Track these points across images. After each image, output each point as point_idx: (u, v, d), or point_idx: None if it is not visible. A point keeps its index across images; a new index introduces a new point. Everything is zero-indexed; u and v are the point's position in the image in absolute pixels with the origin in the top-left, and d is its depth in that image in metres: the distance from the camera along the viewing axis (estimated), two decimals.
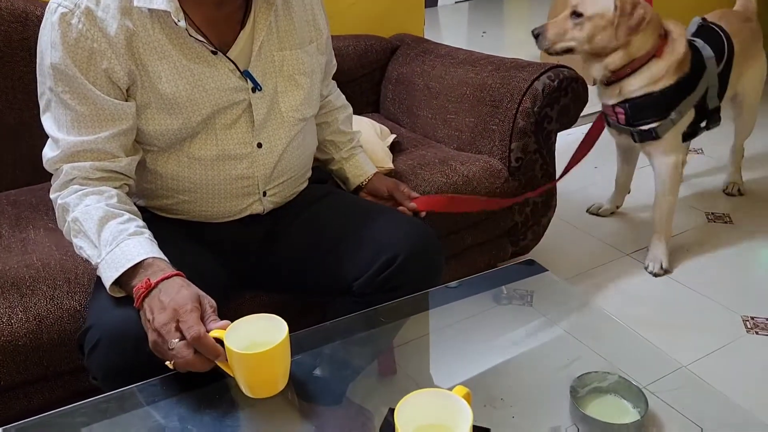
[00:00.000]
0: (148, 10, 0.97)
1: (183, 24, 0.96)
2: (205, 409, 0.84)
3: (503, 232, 1.74)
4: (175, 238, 1.06)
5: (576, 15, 1.72)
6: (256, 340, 0.82)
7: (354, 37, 1.98)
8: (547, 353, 1.00)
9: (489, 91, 1.67)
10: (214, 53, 1.02)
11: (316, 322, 1.03)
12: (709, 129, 1.91)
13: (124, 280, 0.90)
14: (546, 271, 1.16)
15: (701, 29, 1.93)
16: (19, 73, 1.47)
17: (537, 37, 1.79)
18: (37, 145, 1.01)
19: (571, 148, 1.81)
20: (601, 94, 1.86)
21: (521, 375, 0.96)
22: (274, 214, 1.18)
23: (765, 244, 2.05)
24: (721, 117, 1.93)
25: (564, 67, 1.66)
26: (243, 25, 1.05)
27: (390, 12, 2.16)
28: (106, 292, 0.92)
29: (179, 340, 0.81)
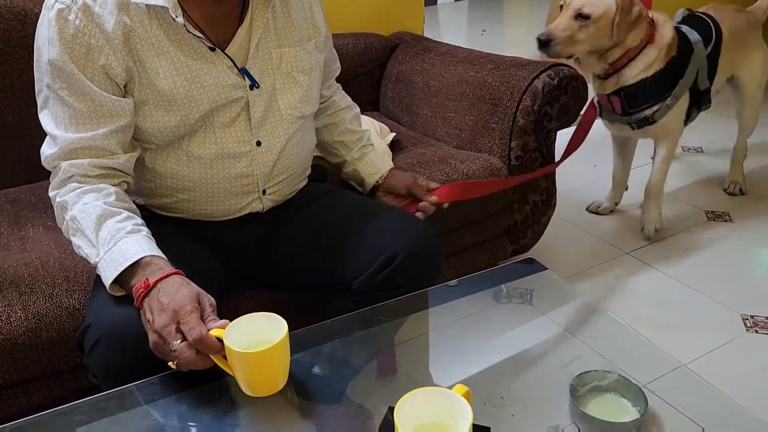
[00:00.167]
0: (146, 6, 0.96)
1: (181, 20, 0.96)
2: (205, 407, 0.84)
3: (503, 231, 1.74)
4: (175, 236, 1.06)
5: (581, 17, 1.72)
6: (256, 339, 0.82)
7: (353, 35, 1.98)
8: (547, 352, 1.00)
9: (489, 90, 1.67)
10: (212, 50, 1.02)
11: (315, 321, 1.03)
12: (700, 111, 1.99)
13: (124, 279, 0.90)
14: (546, 269, 1.16)
15: (687, 18, 1.99)
16: (18, 71, 1.47)
17: (546, 44, 1.74)
18: (37, 143, 1.01)
19: None
20: (597, 86, 1.89)
21: (521, 374, 0.96)
22: (273, 213, 1.18)
23: (765, 243, 2.05)
24: (722, 117, 1.95)
25: (564, 65, 1.66)
26: (241, 22, 1.05)
27: (390, 10, 2.16)
28: (105, 290, 0.91)
29: (180, 341, 0.81)
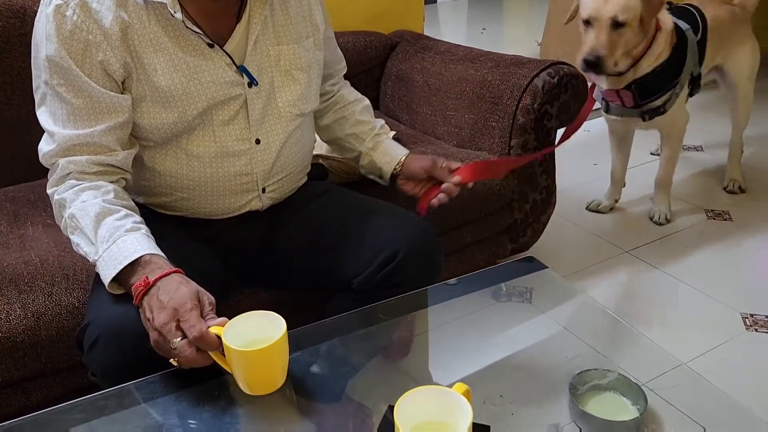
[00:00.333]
0: (144, 1, 0.96)
1: (179, 15, 0.96)
2: (204, 406, 0.84)
3: (503, 229, 1.73)
4: (174, 234, 1.06)
5: (618, 25, 1.72)
6: (255, 337, 0.82)
7: (353, 34, 1.98)
8: (547, 350, 1.00)
9: (489, 88, 1.66)
10: (211, 46, 1.01)
11: (314, 320, 1.03)
12: (692, 96, 2.02)
13: (123, 278, 0.89)
14: (545, 268, 1.15)
15: (670, 10, 2.00)
16: (18, 69, 1.47)
17: (595, 64, 1.73)
18: (36, 141, 1.00)
19: (571, 146, 1.81)
20: (610, 82, 1.87)
21: (521, 372, 0.96)
22: (273, 211, 1.17)
23: (765, 242, 2.05)
24: (723, 116, 1.97)
25: (564, 63, 1.66)
26: (239, 18, 1.04)
27: (389, 8, 2.15)
28: (105, 288, 0.91)
29: (180, 339, 0.81)
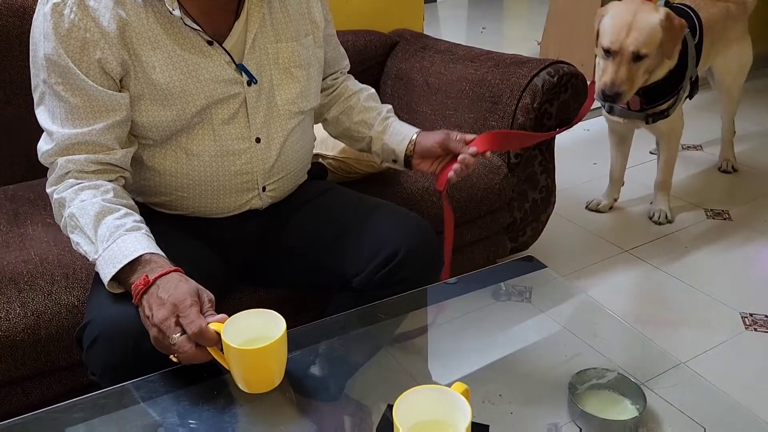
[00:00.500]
0: None
1: (178, 13, 0.96)
2: (203, 405, 0.84)
3: (502, 229, 1.74)
4: (174, 233, 1.06)
5: (638, 57, 1.72)
6: (254, 336, 0.82)
7: (353, 33, 1.97)
8: (546, 349, 1.00)
9: (488, 87, 1.66)
10: (210, 43, 1.01)
11: (314, 318, 1.03)
12: (691, 98, 2.04)
13: (122, 277, 0.89)
14: (545, 267, 1.16)
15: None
16: (17, 68, 1.47)
17: (613, 99, 1.74)
18: (35, 140, 1.00)
19: (571, 145, 1.81)
20: None
21: (520, 371, 0.96)
22: (273, 210, 1.17)
23: (765, 242, 2.05)
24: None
25: (564, 63, 1.66)
26: (237, 15, 1.04)
27: (389, 7, 2.15)
28: (104, 287, 0.91)
29: (180, 334, 0.81)
